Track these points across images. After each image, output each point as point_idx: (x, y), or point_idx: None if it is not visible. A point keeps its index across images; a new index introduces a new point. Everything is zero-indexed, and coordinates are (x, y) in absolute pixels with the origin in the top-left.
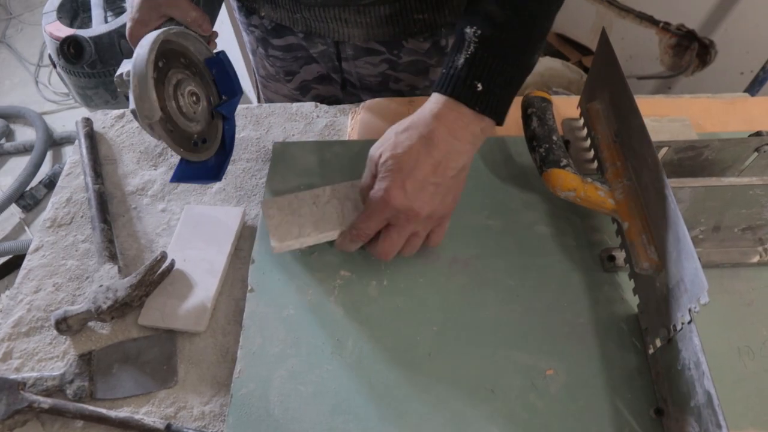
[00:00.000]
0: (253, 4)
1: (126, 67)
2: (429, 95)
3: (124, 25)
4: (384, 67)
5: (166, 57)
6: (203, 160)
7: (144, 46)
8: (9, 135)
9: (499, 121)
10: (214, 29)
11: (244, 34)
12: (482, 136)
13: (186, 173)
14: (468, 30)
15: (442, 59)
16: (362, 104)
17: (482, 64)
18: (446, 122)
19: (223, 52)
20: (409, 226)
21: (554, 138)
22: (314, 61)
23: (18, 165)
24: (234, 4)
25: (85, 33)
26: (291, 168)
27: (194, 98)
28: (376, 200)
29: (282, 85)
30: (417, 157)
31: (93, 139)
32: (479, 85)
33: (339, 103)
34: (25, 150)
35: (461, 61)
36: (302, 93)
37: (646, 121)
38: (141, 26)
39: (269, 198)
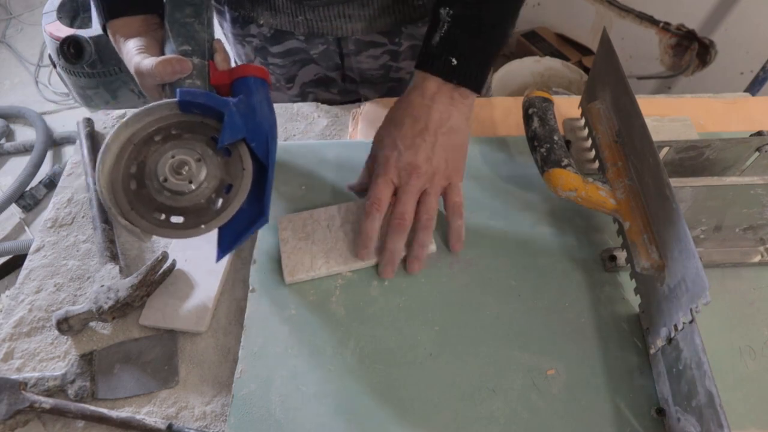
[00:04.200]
0: (251, 14)
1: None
2: None
3: None
4: (385, 59)
5: (135, 162)
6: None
7: (104, 200)
8: (9, 135)
9: (477, 89)
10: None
11: (237, 47)
12: (464, 101)
13: (226, 239)
14: (442, 11)
15: None
16: (364, 104)
17: (456, 42)
18: (422, 91)
19: (183, 90)
20: (414, 181)
21: (555, 138)
22: (312, 62)
23: (18, 165)
24: (228, 17)
25: (85, 33)
26: (292, 168)
27: (186, 167)
28: (377, 168)
29: (282, 93)
30: (402, 122)
31: (94, 139)
32: (454, 60)
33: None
34: (25, 150)
35: (437, 39)
36: (303, 99)
37: (648, 120)
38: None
39: (285, 216)
